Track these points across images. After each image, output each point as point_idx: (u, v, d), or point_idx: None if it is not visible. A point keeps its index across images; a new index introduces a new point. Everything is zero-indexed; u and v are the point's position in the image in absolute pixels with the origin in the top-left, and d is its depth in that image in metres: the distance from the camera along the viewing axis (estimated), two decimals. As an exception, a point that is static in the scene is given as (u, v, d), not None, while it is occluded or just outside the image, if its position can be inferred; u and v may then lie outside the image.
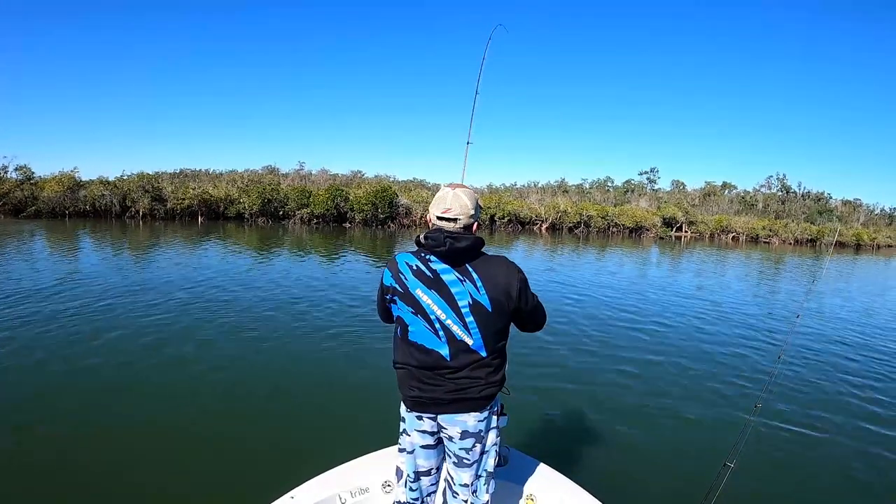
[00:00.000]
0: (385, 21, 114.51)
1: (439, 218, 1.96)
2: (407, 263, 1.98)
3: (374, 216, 29.27)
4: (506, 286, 1.94)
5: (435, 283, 1.93)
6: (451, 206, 1.94)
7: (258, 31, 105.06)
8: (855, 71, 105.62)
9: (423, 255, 1.98)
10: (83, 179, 27.53)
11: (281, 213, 28.71)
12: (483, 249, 2.00)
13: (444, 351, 1.95)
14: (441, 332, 1.94)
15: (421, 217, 31.96)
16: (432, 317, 1.94)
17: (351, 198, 29.26)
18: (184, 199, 27.03)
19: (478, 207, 2.01)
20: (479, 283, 1.91)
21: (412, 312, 1.97)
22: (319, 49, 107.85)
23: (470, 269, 1.93)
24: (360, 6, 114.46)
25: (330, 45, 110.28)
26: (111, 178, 27.87)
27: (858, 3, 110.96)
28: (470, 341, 1.94)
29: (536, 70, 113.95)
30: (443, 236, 1.89)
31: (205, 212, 27.62)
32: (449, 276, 1.93)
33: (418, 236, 1.97)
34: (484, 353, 1.96)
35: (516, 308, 1.98)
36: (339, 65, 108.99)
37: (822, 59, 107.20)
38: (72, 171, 27.17)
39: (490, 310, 1.92)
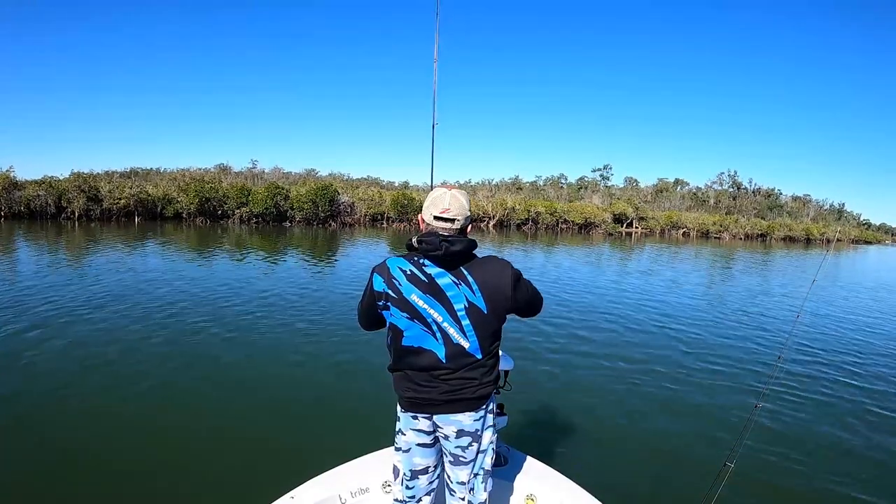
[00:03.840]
0: (341, 20, 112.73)
1: (436, 218, 1.87)
2: (400, 268, 1.89)
3: (315, 214, 28.49)
4: (502, 287, 1.88)
5: (430, 288, 1.86)
6: (449, 207, 1.86)
7: (216, 30, 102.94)
8: (805, 69, 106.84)
9: (416, 259, 1.89)
10: (21, 179, 26.42)
11: (219, 212, 27.81)
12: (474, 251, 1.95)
13: (441, 353, 1.89)
14: (438, 334, 1.88)
15: (364, 214, 31.30)
16: (429, 320, 1.87)
17: (291, 196, 28.44)
18: (120, 198, 26.01)
19: (469, 208, 1.96)
20: (474, 286, 1.86)
21: (408, 318, 1.89)
22: (271, 48, 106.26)
23: (465, 271, 1.86)
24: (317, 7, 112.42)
25: (285, 43, 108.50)
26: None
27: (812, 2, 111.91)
28: (466, 344, 1.88)
29: (491, 69, 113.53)
30: (438, 240, 1.80)
31: (141, 212, 26.63)
32: (444, 279, 1.86)
33: (410, 240, 1.86)
34: (479, 356, 1.91)
35: (514, 303, 1.92)
36: (294, 63, 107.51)
37: (775, 57, 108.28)
38: (7, 170, 25.98)
39: (486, 312, 1.87)
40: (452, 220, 1.87)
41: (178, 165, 40.46)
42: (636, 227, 45.32)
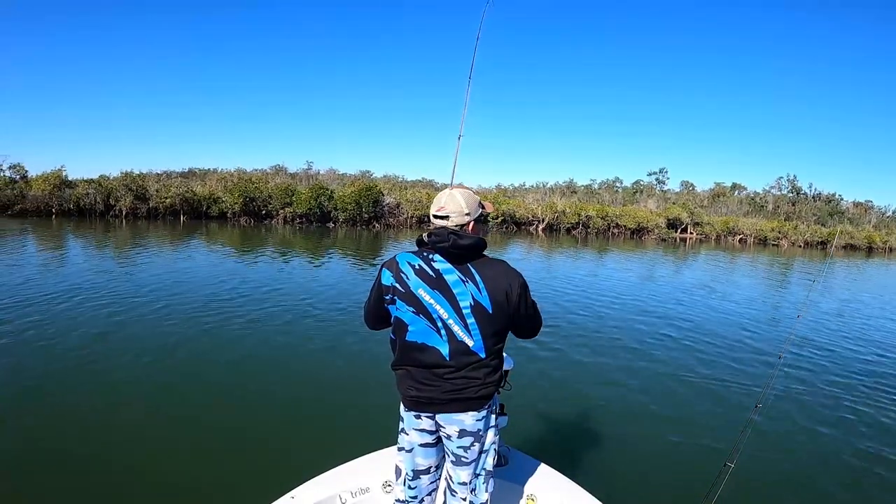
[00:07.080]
0: (390, 22, 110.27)
1: (435, 216, 1.88)
2: (409, 263, 1.85)
3: (359, 216, 26.33)
4: (506, 288, 1.81)
5: (437, 283, 1.81)
6: (444, 205, 1.85)
7: (266, 30, 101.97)
8: (867, 73, 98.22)
9: (425, 254, 1.85)
10: (72, 178, 25.63)
11: (263, 212, 26.06)
12: (484, 252, 1.89)
13: (444, 349, 1.82)
14: (443, 331, 1.81)
15: (411, 216, 28.99)
16: (434, 315, 1.81)
17: (335, 197, 26.38)
18: (166, 197, 24.66)
19: (476, 208, 1.89)
20: (480, 284, 1.80)
21: (413, 312, 1.83)
22: (332, 47, 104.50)
23: (472, 269, 1.81)
24: (368, 7, 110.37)
25: (342, 45, 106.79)
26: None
27: (870, 5, 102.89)
28: (470, 342, 1.81)
29: (546, 72, 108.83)
30: (446, 232, 1.78)
31: (187, 210, 25.19)
32: (451, 276, 1.81)
33: (421, 236, 1.87)
34: (483, 355, 1.83)
35: (515, 311, 1.85)
36: (353, 65, 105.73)
37: (834, 61, 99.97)
38: (59, 169, 25.20)
39: (491, 311, 1.81)
40: (446, 218, 1.84)
41: (235, 166, 38.76)
42: (691, 233, 41.33)
